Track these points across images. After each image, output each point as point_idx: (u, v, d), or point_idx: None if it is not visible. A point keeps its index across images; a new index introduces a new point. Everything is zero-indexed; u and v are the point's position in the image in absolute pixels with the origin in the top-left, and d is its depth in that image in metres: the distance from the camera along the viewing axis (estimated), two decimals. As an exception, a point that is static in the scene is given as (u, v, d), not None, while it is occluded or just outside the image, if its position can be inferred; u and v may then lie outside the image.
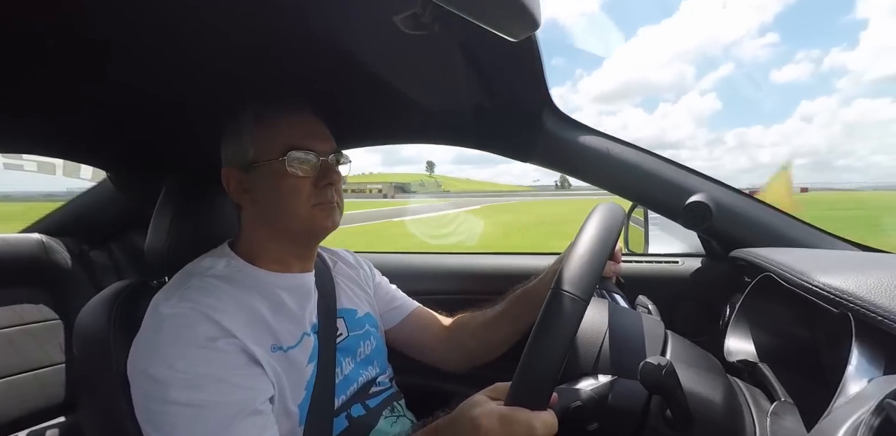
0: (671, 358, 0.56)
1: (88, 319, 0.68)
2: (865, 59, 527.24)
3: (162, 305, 0.60)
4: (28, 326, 1.13)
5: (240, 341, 0.58)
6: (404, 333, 0.88)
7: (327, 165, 0.68)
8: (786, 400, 0.55)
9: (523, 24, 0.42)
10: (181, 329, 0.57)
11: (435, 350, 0.87)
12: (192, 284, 0.63)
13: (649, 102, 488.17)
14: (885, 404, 0.33)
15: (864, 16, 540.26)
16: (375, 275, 0.91)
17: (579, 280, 0.45)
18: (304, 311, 0.69)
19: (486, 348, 0.83)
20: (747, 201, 0.90)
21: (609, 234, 0.52)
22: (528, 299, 0.79)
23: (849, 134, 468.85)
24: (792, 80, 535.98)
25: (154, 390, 0.55)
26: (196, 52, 0.67)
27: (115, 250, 1.42)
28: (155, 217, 0.77)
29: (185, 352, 0.55)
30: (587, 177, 0.94)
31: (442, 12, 0.49)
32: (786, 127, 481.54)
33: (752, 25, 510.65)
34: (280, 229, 0.69)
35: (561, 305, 0.45)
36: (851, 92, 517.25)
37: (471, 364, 0.86)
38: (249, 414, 0.56)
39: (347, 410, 0.70)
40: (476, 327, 0.84)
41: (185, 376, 0.54)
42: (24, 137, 0.93)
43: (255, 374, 0.59)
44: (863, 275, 0.49)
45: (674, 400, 0.48)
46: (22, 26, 0.56)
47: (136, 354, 0.58)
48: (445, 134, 1.03)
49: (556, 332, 0.44)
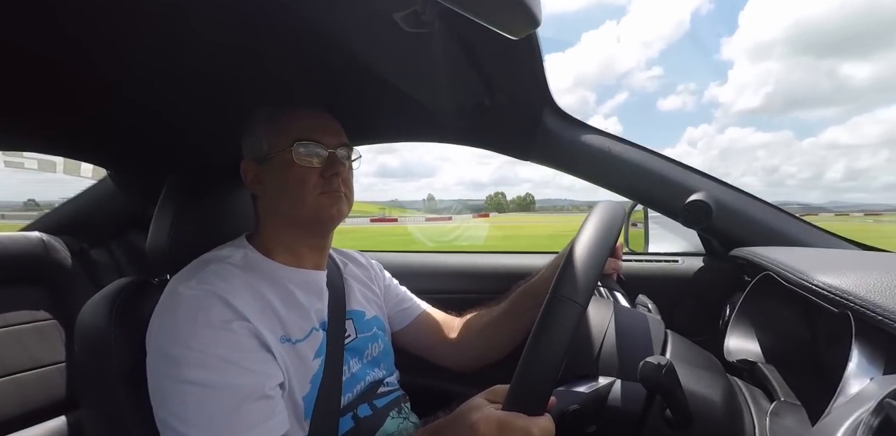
0: (671, 357, 0.56)
1: (90, 316, 0.68)
2: (732, 93, 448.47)
3: (181, 286, 0.61)
4: (28, 324, 1.13)
5: (253, 326, 0.60)
6: (413, 335, 0.89)
7: (334, 157, 0.70)
8: (786, 400, 0.55)
9: (523, 22, 0.41)
10: (198, 310, 0.58)
11: (445, 352, 0.88)
12: (211, 268, 0.64)
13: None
14: (885, 403, 0.33)
15: (729, 56, 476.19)
16: (385, 276, 0.92)
17: (577, 285, 0.45)
18: (315, 307, 0.70)
19: (495, 346, 0.83)
20: (748, 200, 0.89)
21: (608, 234, 0.51)
22: (532, 296, 0.79)
23: (723, 158, 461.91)
24: (676, 108, 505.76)
25: (168, 368, 0.56)
26: (197, 51, 0.67)
27: (115, 249, 1.42)
28: (157, 215, 0.77)
29: (200, 332, 0.57)
30: (587, 175, 0.94)
31: (442, 10, 0.49)
32: (676, 150, 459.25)
33: (641, 59, 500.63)
34: (290, 218, 0.71)
35: (558, 310, 0.44)
36: (724, 121, 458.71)
37: (481, 363, 0.86)
38: (258, 398, 0.57)
39: (354, 409, 0.70)
40: (483, 326, 0.84)
41: (199, 356, 0.55)
42: (24, 135, 0.93)
43: (266, 359, 0.60)
44: (863, 274, 0.49)
45: (674, 399, 0.48)
46: (22, 27, 0.56)
47: (153, 332, 0.60)
48: (445, 132, 1.03)
49: (552, 337, 0.43)
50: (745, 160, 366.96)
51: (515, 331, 0.81)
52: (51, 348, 1.15)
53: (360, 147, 0.90)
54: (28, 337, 1.11)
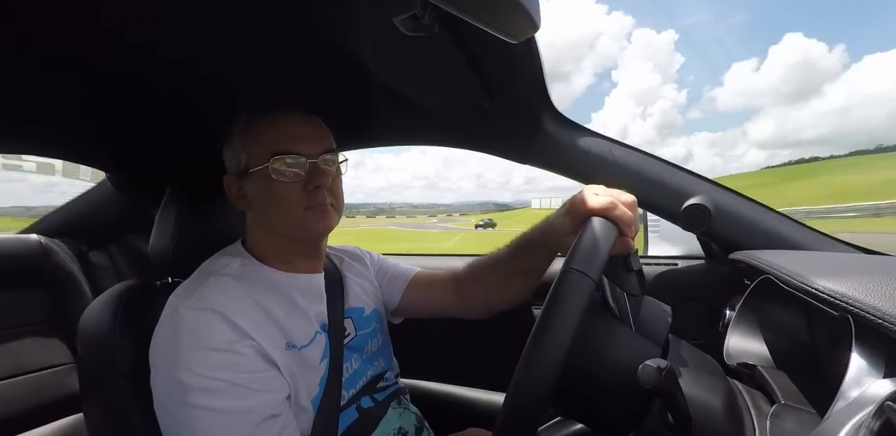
0: (671, 361, 0.55)
1: (93, 319, 0.68)
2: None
3: (182, 305, 0.60)
4: (27, 327, 1.13)
5: (256, 343, 0.59)
6: (414, 296, 0.87)
7: (315, 168, 0.67)
8: (786, 403, 0.55)
9: (523, 27, 0.42)
10: (199, 332, 0.57)
11: (451, 305, 0.86)
12: (210, 282, 0.63)
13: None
14: (886, 406, 0.33)
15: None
16: (374, 257, 0.92)
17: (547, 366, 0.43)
18: (315, 311, 0.70)
19: (503, 299, 0.82)
20: (746, 204, 0.90)
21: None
22: (536, 251, 0.74)
23: (446, 163, 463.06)
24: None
25: (174, 391, 0.55)
26: (196, 52, 0.67)
27: (113, 251, 1.42)
28: (159, 218, 0.77)
29: (205, 356, 0.56)
30: (586, 179, 0.94)
31: (442, 14, 0.49)
32: (410, 155, 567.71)
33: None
34: (278, 234, 0.70)
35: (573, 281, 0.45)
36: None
37: (492, 312, 0.84)
38: (267, 418, 0.57)
39: (357, 402, 0.72)
40: (491, 284, 0.82)
41: (205, 381, 0.55)
42: (24, 138, 0.93)
43: (272, 377, 0.60)
44: (862, 277, 0.49)
45: (674, 403, 0.48)
46: (22, 28, 0.56)
47: (157, 352, 0.59)
48: (445, 136, 1.03)
49: (534, 383, 0.43)
50: (461, 167, 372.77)
51: (523, 287, 0.79)
52: (50, 350, 1.14)
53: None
54: (27, 339, 1.11)
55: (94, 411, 0.68)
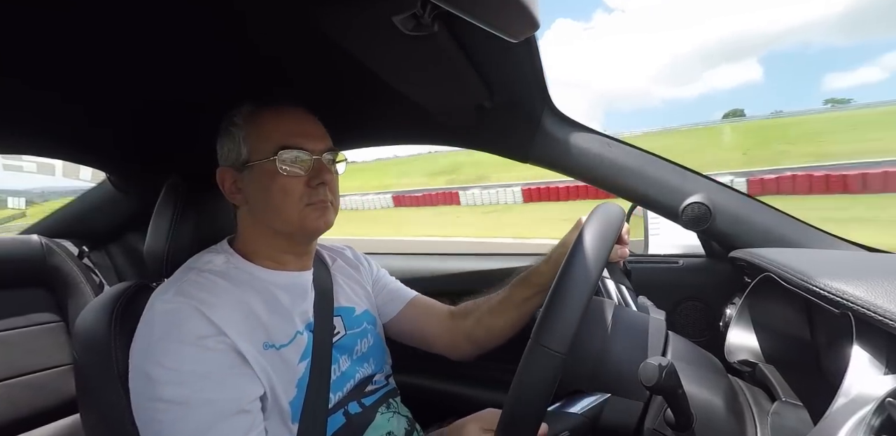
0: (672, 358, 0.55)
1: (89, 321, 0.68)
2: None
3: (158, 299, 0.60)
4: (28, 328, 1.13)
5: (230, 340, 0.58)
6: (406, 322, 0.86)
7: (320, 165, 0.67)
8: (787, 400, 0.55)
9: (522, 25, 0.42)
10: (172, 325, 0.57)
11: (439, 338, 0.85)
12: (190, 278, 0.63)
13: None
14: (887, 403, 0.33)
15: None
16: (374, 269, 0.90)
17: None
18: (299, 309, 0.69)
19: (492, 333, 0.82)
20: (747, 202, 0.90)
21: (602, 248, 0.51)
22: (534, 282, 0.77)
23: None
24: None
25: (144, 386, 0.56)
26: (195, 51, 0.67)
27: (115, 252, 1.42)
28: (154, 218, 0.77)
29: (174, 348, 0.56)
30: (586, 177, 0.94)
31: (441, 13, 0.49)
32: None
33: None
34: (273, 229, 0.69)
35: (541, 358, 0.45)
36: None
37: (478, 351, 0.84)
38: (234, 414, 0.56)
39: (345, 407, 0.70)
40: (481, 313, 0.82)
41: (172, 374, 0.55)
42: (24, 138, 0.93)
43: (243, 374, 0.59)
44: (863, 275, 0.49)
45: (675, 400, 0.48)
46: (21, 27, 0.56)
47: (133, 349, 0.59)
48: (444, 135, 1.03)
49: (537, 378, 0.44)
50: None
51: (515, 318, 0.80)
52: (50, 351, 1.14)
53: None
54: (27, 340, 1.11)
55: (90, 413, 0.68)
